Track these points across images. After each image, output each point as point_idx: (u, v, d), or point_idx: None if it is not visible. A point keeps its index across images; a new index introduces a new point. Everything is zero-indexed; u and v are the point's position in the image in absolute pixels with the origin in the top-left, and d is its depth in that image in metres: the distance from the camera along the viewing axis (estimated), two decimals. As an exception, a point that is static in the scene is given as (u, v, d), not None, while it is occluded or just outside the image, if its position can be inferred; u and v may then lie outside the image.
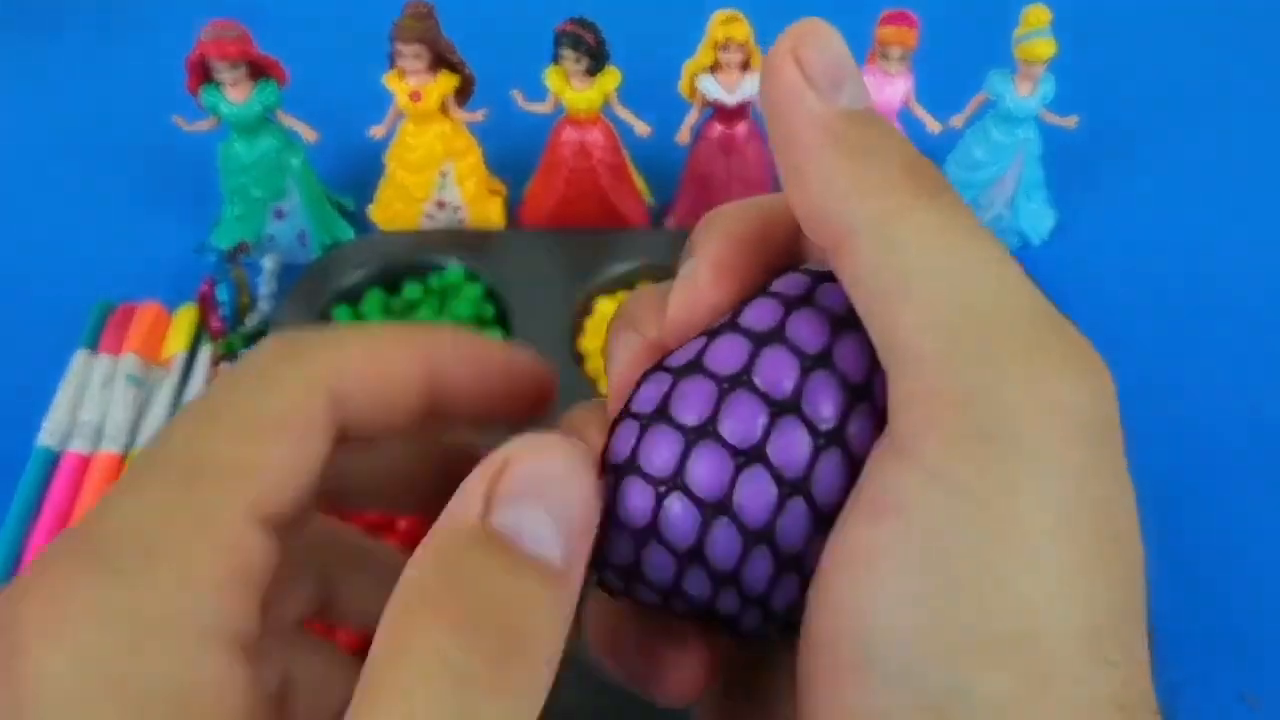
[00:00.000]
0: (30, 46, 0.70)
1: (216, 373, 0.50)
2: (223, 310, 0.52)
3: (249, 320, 0.52)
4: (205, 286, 0.52)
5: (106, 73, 0.68)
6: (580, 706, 0.29)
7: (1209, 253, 0.57)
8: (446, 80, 0.51)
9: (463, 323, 0.50)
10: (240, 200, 0.54)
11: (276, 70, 0.51)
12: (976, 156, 0.54)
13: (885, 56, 0.52)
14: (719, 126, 0.53)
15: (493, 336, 0.49)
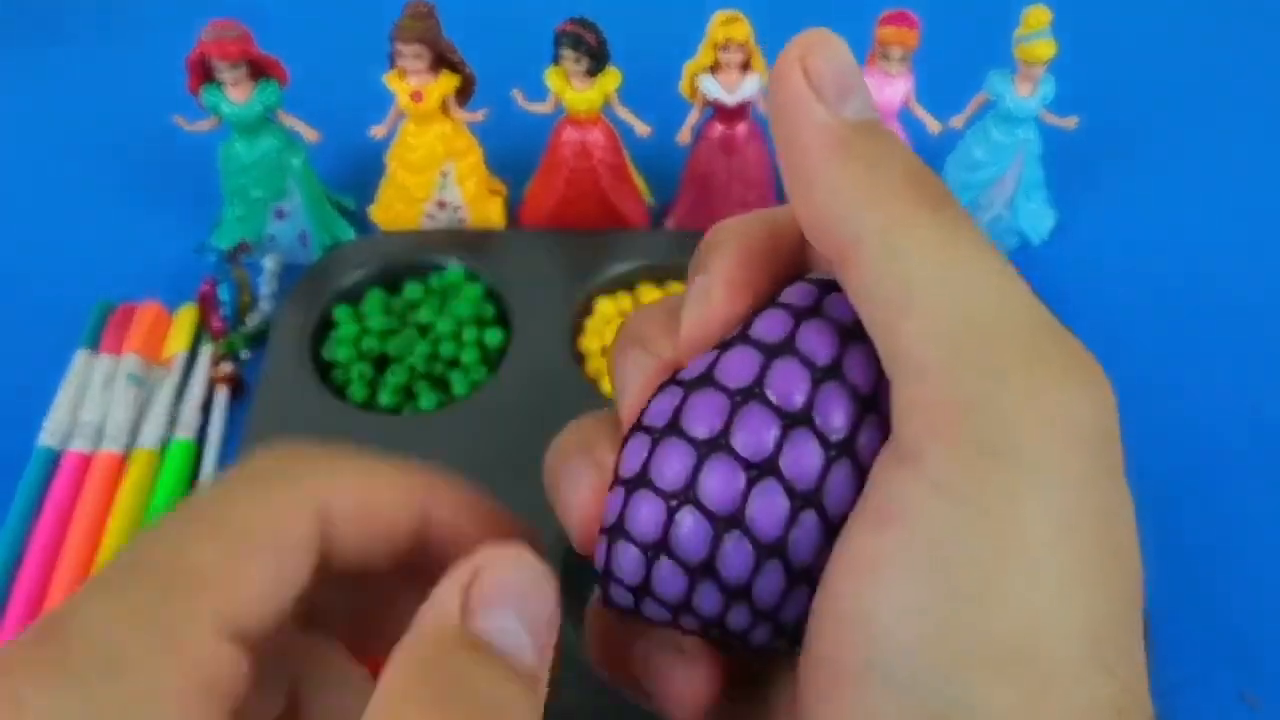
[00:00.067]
0: (30, 46, 0.70)
1: (216, 372, 0.50)
2: (224, 310, 0.52)
3: (250, 320, 0.52)
4: (206, 286, 0.52)
5: (107, 72, 0.68)
6: (580, 706, 0.29)
7: (1209, 253, 0.57)
8: (447, 80, 0.51)
9: (463, 322, 0.50)
10: (241, 200, 0.54)
11: (277, 70, 0.51)
12: (976, 157, 0.54)
13: (885, 57, 0.52)
14: (719, 127, 0.53)
15: (492, 340, 0.49)
